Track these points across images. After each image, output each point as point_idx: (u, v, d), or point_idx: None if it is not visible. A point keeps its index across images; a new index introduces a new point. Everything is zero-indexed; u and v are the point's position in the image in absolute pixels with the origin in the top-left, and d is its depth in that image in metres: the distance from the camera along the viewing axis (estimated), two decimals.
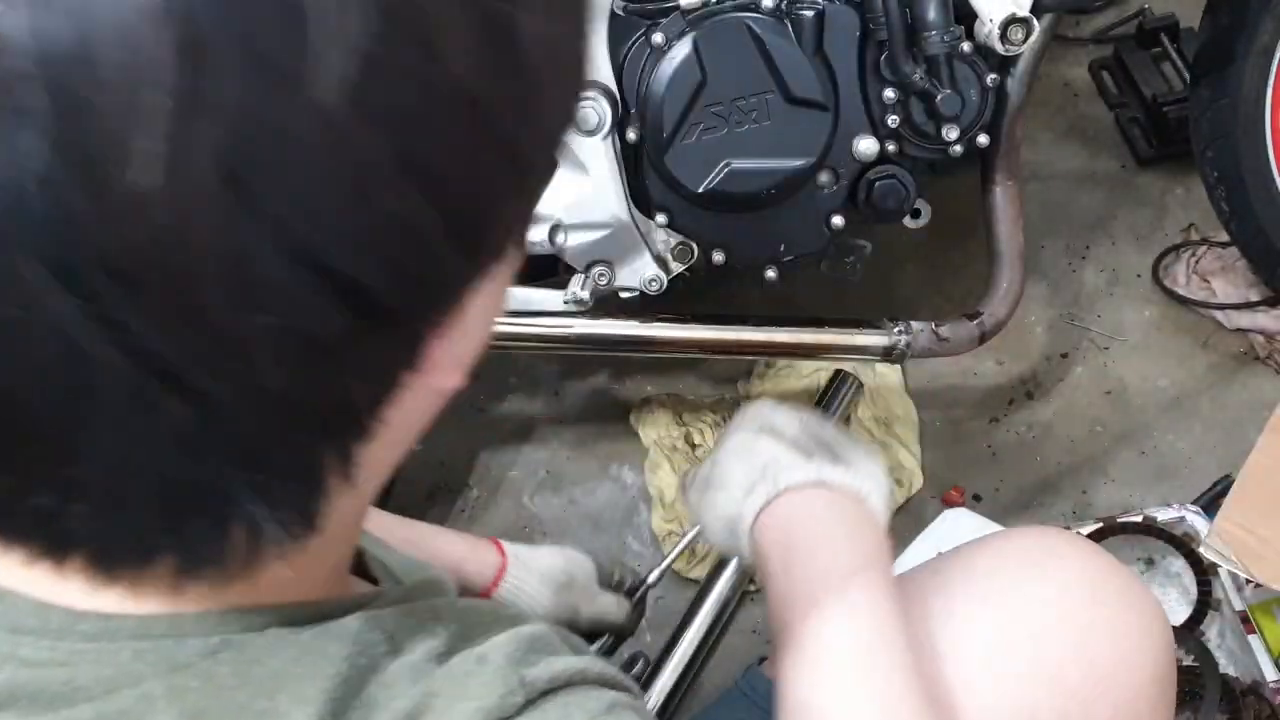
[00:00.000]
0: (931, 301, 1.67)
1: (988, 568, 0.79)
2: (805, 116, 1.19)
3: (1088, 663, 0.75)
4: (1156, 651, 0.77)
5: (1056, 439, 1.55)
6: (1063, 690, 0.74)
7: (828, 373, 1.55)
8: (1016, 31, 1.13)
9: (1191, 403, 1.55)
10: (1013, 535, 0.85)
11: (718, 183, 1.19)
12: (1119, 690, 0.75)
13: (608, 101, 1.14)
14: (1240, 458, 1.16)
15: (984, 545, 0.83)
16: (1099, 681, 0.74)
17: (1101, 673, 0.75)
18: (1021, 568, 0.78)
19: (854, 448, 0.79)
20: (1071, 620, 0.76)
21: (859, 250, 1.31)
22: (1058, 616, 0.76)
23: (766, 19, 1.16)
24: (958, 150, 1.23)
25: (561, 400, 1.63)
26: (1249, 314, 1.60)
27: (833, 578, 0.69)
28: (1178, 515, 1.33)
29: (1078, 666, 0.74)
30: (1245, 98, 1.37)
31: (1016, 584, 0.77)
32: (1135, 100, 1.82)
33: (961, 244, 1.70)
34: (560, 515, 1.56)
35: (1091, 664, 0.75)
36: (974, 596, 0.78)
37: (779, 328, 1.31)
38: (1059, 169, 1.80)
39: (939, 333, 1.33)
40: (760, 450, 0.77)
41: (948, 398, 1.60)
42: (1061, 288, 1.68)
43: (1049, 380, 1.60)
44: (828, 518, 0.73)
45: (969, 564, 0.81)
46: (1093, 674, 0.74)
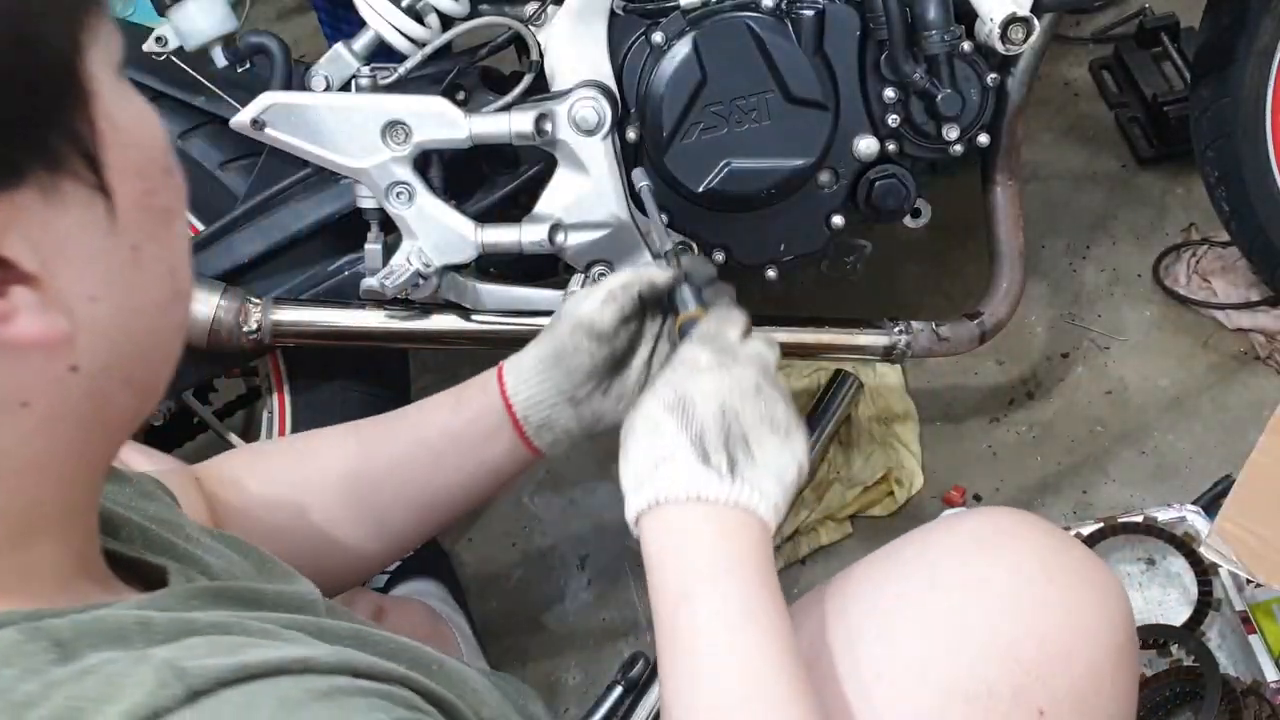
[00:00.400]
0: (932, 301, 1.67)
1: (939, 550, 0.80)
2: (805, 116, 1.19)
3: (1042, 637, 0.75)
4: (1113, 623, 0.78)
5: (1057, 439, 1.54)
6: (1019, 666, 0.74)
7: (828, 373, 1.56)
8: (1017, 31, 1.13)
9: (1192, 402, 1.55)
10: (965, 517, 0.85)
11: (718, 182, 1.19)
12: (1076, 664, 0.75)
13: (607, 101, 1.14)
14: (1241, 458, 1.16)
15: (936, 528, 0.84)
16: (1054, 656, 0.75)
17: (1057, 648, 0.75)
18: (973, 548, 0.79)
19: (766, 441, 0.77)
20: (1024, 597, 0.76)
21: (859, 250, 1.31)
22: (1010, 594, 0.76)
23: (766, 18, 1.16)
24: (958, 150, 1.23)
25: None
26: (1249, 314, 1.59)
27: (679, 604, 0.71)
28: (1178, 515, 1.33)
29: (1032, 642, 0.75)
30: (1246, 97, 1.37)
31: (967, 564, 0.78)
32: (1136, 100, 1.82)
33: (962, 244, 1.70)
34: (560, 515, 1.56)
35: (1046, 639, 0.75)
36: (926, 579, 0.78)
37: (779, 327, 1.31)
38: (1059, 169, 1.80)
39: (939, 332, 1.33)
40: (662, 435, 0.76)
41: (948, 397, 1.60)
42: (1062, 287, 1.68)
43: (1049, 380, 1.60)
44: (693, 544, 0.73)
45: (922, 547, 0.81)
46: (1047, 649, 0.75)
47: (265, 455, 1.02)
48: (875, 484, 1.50)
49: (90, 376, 0.51)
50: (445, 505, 0.97)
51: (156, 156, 0.53)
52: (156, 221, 0.53)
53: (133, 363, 0.53)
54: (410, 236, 1.18)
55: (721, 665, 0.68)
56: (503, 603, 1.50)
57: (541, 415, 0.93)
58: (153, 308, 0.53)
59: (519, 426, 0.93)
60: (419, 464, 0.95)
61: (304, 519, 0.94)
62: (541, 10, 1.17)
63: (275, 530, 0.93)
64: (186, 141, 1.24)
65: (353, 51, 1.18)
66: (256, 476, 0.96)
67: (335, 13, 1.76)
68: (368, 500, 0.95)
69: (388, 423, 0.98)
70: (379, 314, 1.23)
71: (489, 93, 1.20)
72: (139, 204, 0.51)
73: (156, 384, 0.57)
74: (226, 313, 1.20)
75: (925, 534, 0.83)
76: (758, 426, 0.77)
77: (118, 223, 0.50)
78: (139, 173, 0.51)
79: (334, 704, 0.50)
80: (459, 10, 1.17)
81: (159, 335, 0.55)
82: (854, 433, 1.54)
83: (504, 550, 1.54)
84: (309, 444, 0.99)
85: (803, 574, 1.47)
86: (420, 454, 0.95)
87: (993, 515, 0.83)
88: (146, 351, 0.54)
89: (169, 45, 1.16)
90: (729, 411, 0.77)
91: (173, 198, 0.54)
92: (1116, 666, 0.77)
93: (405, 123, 1.13)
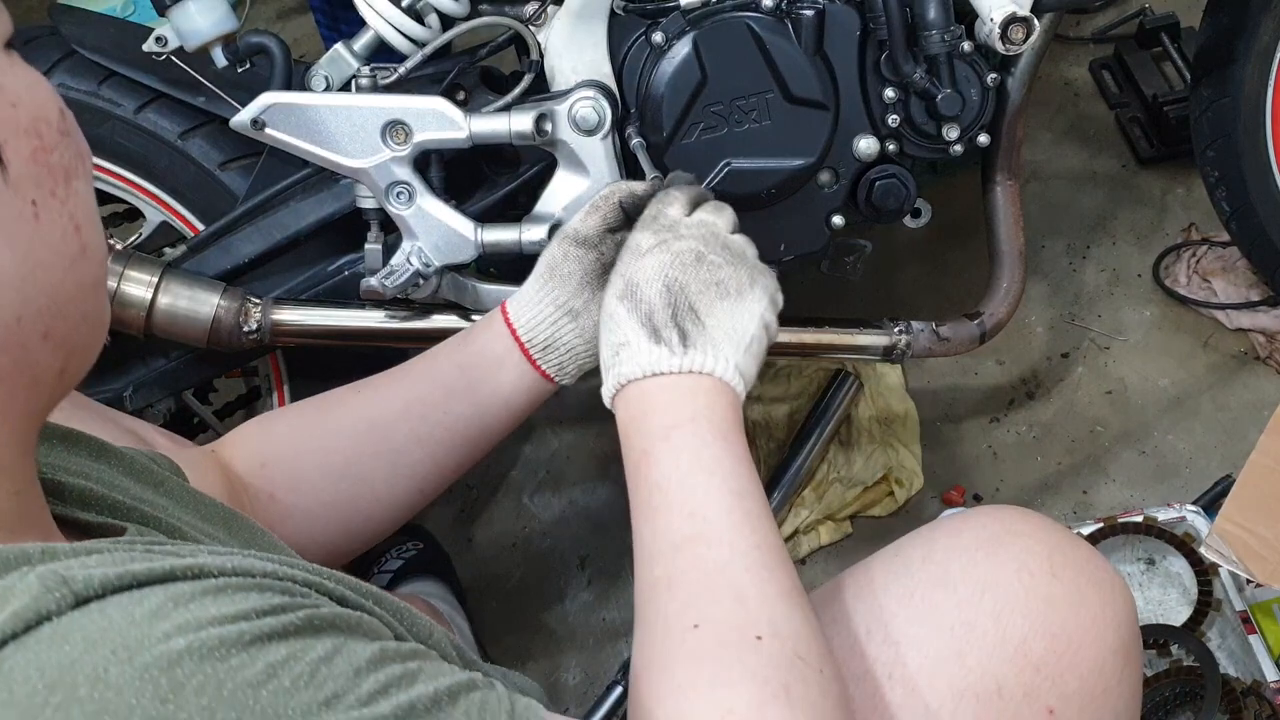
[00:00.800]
0: (932, 301, 1.67)
1: (946, 549, 0.80)
2: (805, 116, 1.18)
3: (1050, 636, 0.75)
4: (1119, 621, 0.78)
5: (1057, 439, 1.55)
6: (1028, 665, 0.75)
7: (828, 373, 1.56)
8: (1017, 31, 1.13)
9: (1192, 402, 1.55)
10: (970, 515, 0.85)
11: (718, 182, 1.19)
12: (1084, 662, 0.76)
13: (607, 101, 1.14)
14: (1241, 457, 1.15)
15: (941, 527, 0.84)
16: (1063, 654, 0.75)
17: (1065, 645, 0.75)
18: (978, 547, 0.79)
19: (715, 307, 0.81)
20: (1031, 595, 0.76)
21: (859, 250, 1.31)
22: (1017, 592, 0.76)
23: (767, 18, 1.16)
24: (958, 150, 1.23)
25: (561, 400, 1.63)
26: (1250, 314, 1.59)
27: (639, 463, 0.75)
28: (1178, 515, 1.33)
29: (1041, 640, 0.75)
30: (1246, 97, 1.37)
31: (975, 563, 0.78)
32: (1136, 100, 1.82)
33: (962, 244, 1.70)
34: (560, 515, 1.56)
35: (1054, 637, 0.75)
36: (933, 578, 0.79)
37: (779, 328, 1.30)
38: (1059, 168, 1.81)
39: (939, 333, 1.33)
40: (617, 323, 0.81)
41: (948, 398, 1.60)
42: (1062, 287, 1.68)
43: (1049, 380, 1.60)
44: (650, 412, 0.78)
45: (928, 547, 0.82)
46: (1056, 647, 0.75)
47: (277, 417, 1.04)
48: (875, 484, 1.50)
49: (4, 328, 0.53)
50: (462, 441, 0.99)
51: (48, 117, 0.56)
52: (55, 179, 0.55)
53: (48, 317, 0.55)
54: (410, 236, 1.18)
55: (670, 511, 0.72)
56: (503, 603, 1.50)
57: (545, 333, 0.96)
58: (58, 262, 0.55)
59: (524, 349, 0.97)
60: (431, 400, 0.98)
61: (322, 470, 0.97)
62: (541, 10, 1.17)
63: (295, 483, 0.95)
64: (186, 141, 1.24)
65: (353, 51, 1.18)
66: (271, 438, 0.99)
67: (334, 13, 1.76)
68: (384, 442, 0.97)
69: (399, 368, 1.01)
70: (379, 314, 1.24)
71: (489, 93, 1.20)
72: (34, 159, 0.54)
73: (80, 341, 0.58)
74: (226, 313, 1.20)
75: (931, 533, 0.83)
76: (704, 294, 0.81)
77: (10, 177, 0.53)
78: (29, 130, 0.54)
79: (225, 596, 0.51)
80: (459, 10, 1.17)
81: (70, 290, 0.56)
82: (854, 433, 1.54)
83: (504, 550, 1.54)
84: (322, 400, 1.02)
85: (803, 574, 1.47)
86: (431, 390, 0.98)
87: (999, 513, 0.83)
88: (61, 305, 0.56)
89: (169, 45, 1.16)
90: (673, 287, 0.81)
91: (71, 157, 0.57)
92: (1123, 665, 0.77)
93: (405, 123, 1.13)
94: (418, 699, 0.53)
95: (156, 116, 1.24)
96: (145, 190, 1.27)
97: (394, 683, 0.53)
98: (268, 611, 0.52)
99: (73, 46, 1.22)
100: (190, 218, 1.28)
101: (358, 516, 0.98)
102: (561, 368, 0.98)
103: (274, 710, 0.48)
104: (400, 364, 1.02)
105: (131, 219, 1.39)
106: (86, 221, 0.57)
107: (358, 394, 1.00)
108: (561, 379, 0.99)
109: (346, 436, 0.98)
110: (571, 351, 0.97)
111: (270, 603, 0.52)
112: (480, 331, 1.00)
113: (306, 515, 0.96)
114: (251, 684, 0.48)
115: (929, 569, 0.79)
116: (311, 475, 0.96)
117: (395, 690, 0.53)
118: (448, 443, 0.99)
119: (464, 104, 1.18)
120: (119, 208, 1.37)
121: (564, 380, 0.99)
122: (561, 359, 0.97)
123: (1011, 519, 0.82)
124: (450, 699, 0.55)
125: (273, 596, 0.53)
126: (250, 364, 1.41)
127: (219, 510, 0.78)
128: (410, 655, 0.57)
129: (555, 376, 0.98)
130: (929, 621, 0.77)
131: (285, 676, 0.49)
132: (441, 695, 0.55)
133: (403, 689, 0.53)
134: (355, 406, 0.99)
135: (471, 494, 1.58)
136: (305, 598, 0.55)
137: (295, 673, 0.50)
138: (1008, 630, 0.75)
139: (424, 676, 0.55)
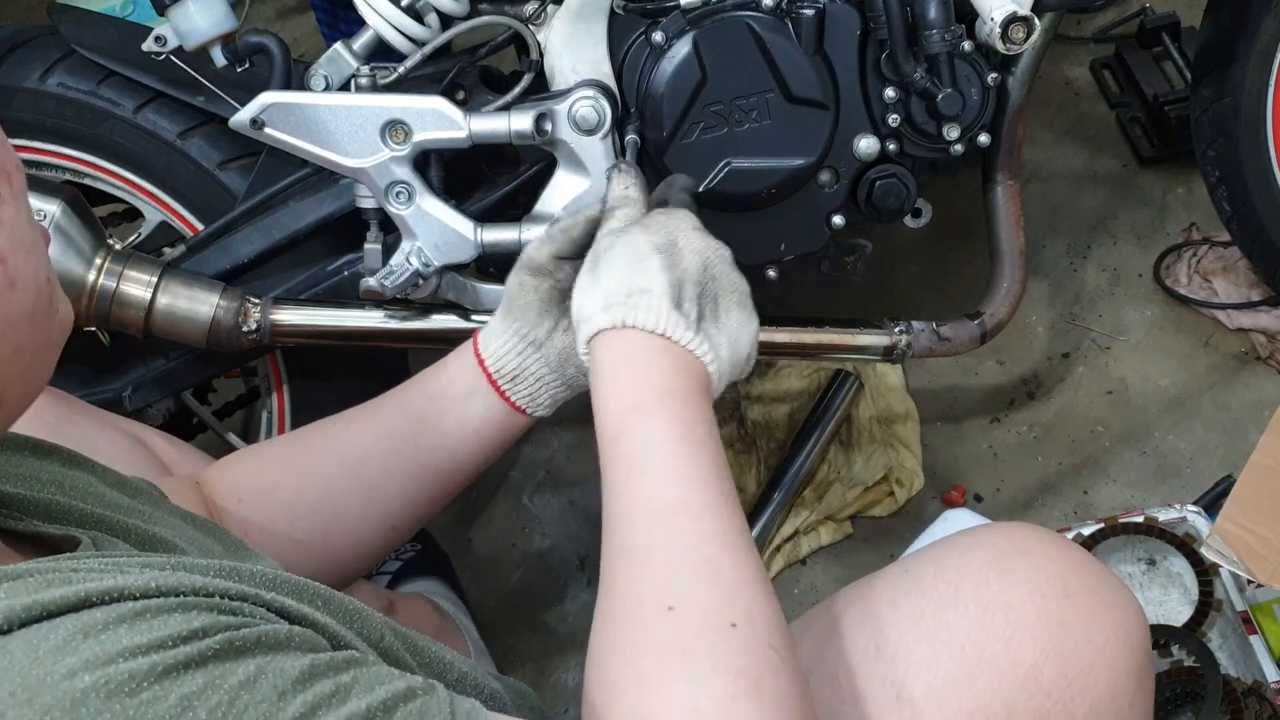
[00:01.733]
0: (932, 301, 1.67)
1: (957, 567, 0.79)
2: (806, 116, 1.18)
3: (1062, 660, 0.74)
4: (1132, 646, 0.77)
5: (1057, 439, 1.54)
6: (1039, 690, 0.73)
7: (828, 373, 1.56)
8: (1018, 30, 1.13)
9: (1193, 403, 1.55)
10: (981, 533, 0.84)
11: (718, 182, 1.19)
12: (1097, 687, 0.74)
13: (607, 101, 1.14)
14: (1242, 458, 1.15)
15: (953, 544, 0.82)
16: (1075, 680, 0.74)
17: (1077, 670, 0.74)
18: (990, 567, 0.78)
19: (734, 311, 0.82)
20: (1044, 618, 0.75)
21: (859, 250, 1.31)
22: (1029, 615, 0.75)
23: (767, 18, 1.16)
24: (959, 149, 1.23)
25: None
26: (1250, 314, 1.59)
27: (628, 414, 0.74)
28: (1179, 515, 1.32)
29: (1053, 664, 0.74)
30: (1247, 97, 1.37)
31: (986, 583, 0.77)
32: (1137, 99, 1.82)
33: (962, 243, 1.70)
34: (560, 515, 1.56)
35: (1066, 661, 0.74)
36: (944, 598, 0.77)
37: (779, 328, 1.30)
38: (1060, 168, 1.80)
39: (940, 332, 1.32)
40: (646, 270, 0.80)
41: (948, 398, 1.60)
42: (1063, 287, 1.68)
43: (1050, 380, 1.60)
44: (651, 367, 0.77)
45: (939, 564, 0.80)
46: (1068, 672, 0.74)
47: (257, 451, 1.04)
48: (876, 484, 1.50)
49: None
50: (433, 475, 0.98)
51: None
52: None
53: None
54: (410, 236, 1.18)
55: (658, 477, 0.71)
56: (503, 603, 1.50)
57: (511, 364, 0.96)
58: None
59: (493, 380, 0.96)
60: (402, 433, 0.98)
61: (294, 507, 0.96)
62: (541, 10, 1.17)
63: (268, 521, 0.95)
64: (186, 141, 1.24)
65: (352, 51, 1.18)
66: (247, 473, 0.98)
67: (334, 12, 1.76)
68: (356, 477, 0.97)
69: (375, 401, 1.00)
70: (379, 314, 1.23)
71: (489, 92, 1.20)
72: None
73: (13, 373, 0.56)
74: (225, 313, 1.20)
75: (942, 551, 0.82)
76: (730, 294, 0.82)
77: None
78: None
79: (142, 622, 0.49)
80: (459, 10, 1.17)
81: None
82: (854, 433, 1.54)
83: (504, 551, 1.54)
84: (299, 435, 1.02)
85: (803, 574, 1.47)
86: (403, 422, 0.98)
87: (1012, 532, 0.82)
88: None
89: (168, 45, 1.15)
90: (710, 270, 0.81)
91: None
92: (1137, 688, 0.76)
93: (405, 122, 1.13)
94: (350, 716, 0.51)
95: (156, 116, 1.23)
96: (144, 190, 1.27)
97: (323, 702, 0.51)
98: (185, 638, 0.50)
99: (72, 46, 1.22)
100: (189, 217, 1.28)
101: (330, 553, 0.97)
102: (533, 398, 0.97)
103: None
104: (384, 394, 1.01)
105: (131, 219, 1.39)
106: (14, 250, 0.55)
107: (331, 427, 1.00)
108: (534, 410, 0.98)
109: (319, 473, 0.97)
110: (540, 381, 0.96)
111: (190, 626, 0.50)
112: (452, 361, 0.99)
113: (280, 551, 0.94)
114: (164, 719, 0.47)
115: (940, 588, 0.78)
116: (283, 512, 0.96)
117: (324, 710, 0.51)
118: (419, 476, 0.98)
119: (464, 104, 1.17)
120: (118, 207, 1.37)
121: (537, 412, 0.98)
122: (531, 389, 0.97)
123: (1024, 538, 0.80)
124: (386, 712, 0.53)
125: (196, 617, 0.51)
126: (250, 364, 1.41)
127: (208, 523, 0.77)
128: (345, 666, 0.54)
129: (527, 408, 0.97)
130: (939, 641, 0.75)
131: (201, 708, 0.48)
132: (375, 709, 0.52)
133: (333, 708, 0.51)
134: (327, 441, 0.99)
135: (471, 494, 1.58)
136: (234, 615, 0.53)
137: (213, 703, 0.48)
138: (1019, 653, 0.74)
139: (358, 690, 0.53)
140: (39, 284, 0.57)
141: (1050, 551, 0.79)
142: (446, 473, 0.98)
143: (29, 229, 0.57)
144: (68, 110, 1.22)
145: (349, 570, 1.00)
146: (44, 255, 0.58)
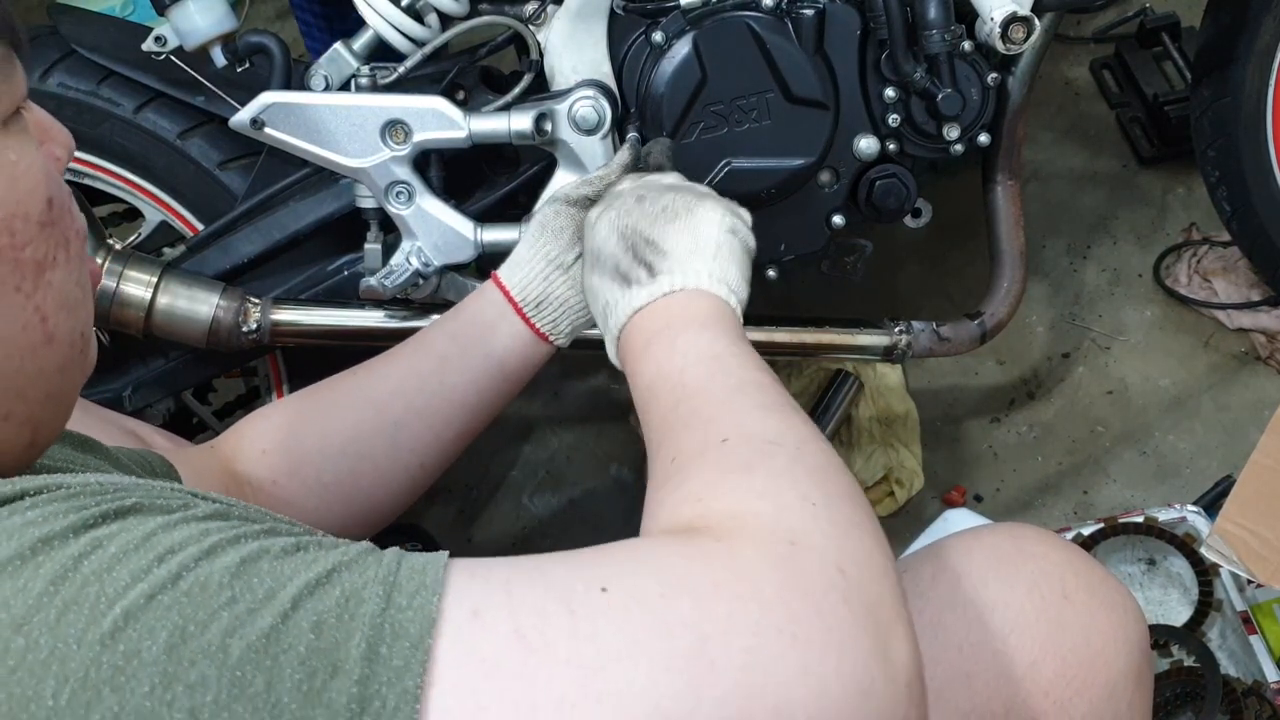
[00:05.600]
0: (932, 301, 1.67)
1: (957, 567, 0.79)
2: (806, 116, 1.18)
3: (1061, 660, 0.74)
4: (1131, 646, 0.77)
5: (1058, 439, 1.54)
6: (1037, 690, 0.74)
7: (828, 373, 1.56)
8: (1018, 30, 1.13)
9: (1193, 403, 1.55)
10: (982, 533, 0.84)
11: (718, 182, 1.19)
12: (1094, 687, 0.75)
13: (607, 101, 1.14)
14: (1241, 458, 1.15)
15: (953, 544, 0.83)
16: (1073, 678, 0.74)
17: (1075, 670, 0.74)
18: (990, 567, 0.78)
19: (668, 230, 0.83)
20: (1042, 618, 0.75)
21: (860, 250, 1.31)
22: (1028, 615, 0.75)
23: (767, 18, 1.16)
24: (959, 149, 1.23)
25: (561, 400, 1.63)
26: (1250, 314, 1.59)
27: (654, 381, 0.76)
28: (1179, 515, 1.32)
29: (1051, 664, 0.74)
30: (1247, 97, 1.37)
31: (985, 583, 0.77)
32: (1137, 99, 1.82)
33: (962, 243, 1.70)
34: (560, 515, 1.56)
35: (1064, 661, 0.74)
36: (943, 597, 0.77)
37: (779, 328, 1.30)
38: (1060, 168, 1.80)
39: (940, 332, 1.32)
40: (596, 292, 0.85)
41: (948, 398, 1.60)
42: (1063, 287, 1.68)
43: (1050, 380, 1.60)
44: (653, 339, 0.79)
45: (939, 564, 0.80)
46: (1066, 672, 0.74)
47: (275, 407, 1.04)
48: (876, 484, 1.50)
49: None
50: (460, 410, 0.99)
51: (28, 211, 0.53)
52: (21, 274, 0.53)
53: (8, 400, 0.54)
54: (410, 236, 1.18)
55: (680, 372, 0.74)
56: None
57: (537, 289, 0.97)
58: (16, 352, 0.54)
59: (518, 308, 0.98)
60: (425, 371, 0.98)
61: (321, 450, 0.97)
62: (541, 10, 1.17)
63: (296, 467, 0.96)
64: (186, 141, 1.24)
65: (352, 51, 1.18)
66: (269, 425, 0.99)
67: (315, 21, 1.74)
68: (382, 417, 0.98)
69: (394, 348, 1.02)
70: (378, 314, 1.23)
71: (489, 92, 1.20)
72: (3, 258, 0.52)
73: (42, 419, 0.57)
74: (225, 313, 1.20)
75: (942, 550, 0.82)
76: (654, 224, 0.84)
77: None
78: (4, 228, 0.52)
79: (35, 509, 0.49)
80: (459, 10, 1.17)
81: (30, 375, 0.55)
82: (854, 433, 1.54)
83: (504, 550, 1.54)
84: (319, 386, 1.02)
85: None
86: (426, 361, 0.99)
87: (1011, 532, 0.82)
88: (21, 389, 0.54)
89: (168, 45, 1.15)
90: (625, 232, 0.84)
91: (51, 247, 0.55)
92: (1135, 688, 0.76)
93: (405, 122, 1.13)
94: (269, 547, 0.49)
95: (156, 116, 1.23)
96: (144, 190, 1.27)
97: (240, 539, 0.49)
98: (73, 511, 0.48)
99: (72, 46, 1.22)
100: (189, 217, 1.28)
101: (359, 495, 0.98)
102: (555, 324, 0.98)
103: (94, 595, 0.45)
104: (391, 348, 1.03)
105: (131, 219, 1.39)
106: (57, 310, 0.55)
107: (353, 375, 1.01)
108: (556, 337, 0.99)
109: (344, 415, 0.98)
110: (564, 305, 0.98)
111: (80, 505, 0.49)
112: (471, 301, 1.00)
113: (309, 498, 0.95)
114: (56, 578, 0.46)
115: (939, 588, 0.78)
116: (312, 457, 0.96)
117: (239, 544, 0.49)
118: (445, 412, 0.98)
119: (464, 104, 1.17)
120: (119, 207, 1.37)
121: (559, 339, 0.99)
122: (555, 314, 0.98)
123: (1024, 539, 0.80)
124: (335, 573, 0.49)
125: (85, 499, 0.50)
126: (249, 364, 1.41)
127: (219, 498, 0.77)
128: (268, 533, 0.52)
129: (550, 334, 0.98)
130: (937, 641, 0.75)
131: (99, 557, 0.46)
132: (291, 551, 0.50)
133: (249, 541, 0.49)
134: (351, 387, 1.00)
135: (471, 494, 1.58)
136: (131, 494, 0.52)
137: (110, 554, 0.47)
138: (1017, 653, 0.74)
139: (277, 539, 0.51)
140: (74, 339, 0.57)
141: (1049, 552, 0.79)
142: (473, 407, 0.99)
143: (76, 289, 0.57)
144: (68, 110, 1.22)
145: (381, 511, 1.01)
146: (86, 309, 0.59)
